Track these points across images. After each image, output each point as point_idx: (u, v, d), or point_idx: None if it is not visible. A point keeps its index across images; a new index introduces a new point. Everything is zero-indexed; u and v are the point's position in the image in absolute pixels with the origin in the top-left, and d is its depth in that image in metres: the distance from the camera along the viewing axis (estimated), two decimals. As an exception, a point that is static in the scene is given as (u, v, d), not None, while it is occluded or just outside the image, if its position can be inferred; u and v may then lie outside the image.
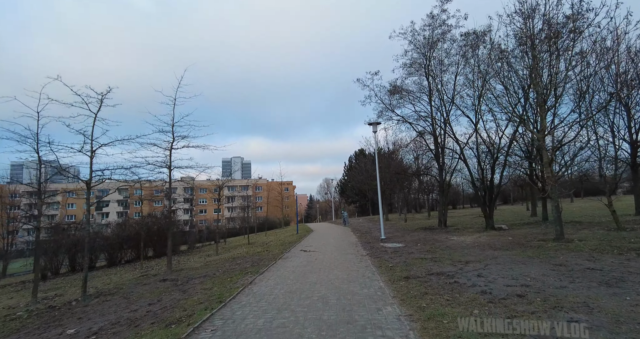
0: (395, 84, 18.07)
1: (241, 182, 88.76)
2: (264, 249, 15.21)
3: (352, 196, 56.15)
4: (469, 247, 9.76)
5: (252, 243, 20.88)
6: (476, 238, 11.92)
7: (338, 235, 19.17)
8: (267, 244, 17.72)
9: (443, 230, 16.55)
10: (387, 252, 10.47)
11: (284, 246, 15.08)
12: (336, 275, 7.33)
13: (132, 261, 18.04)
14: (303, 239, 18.29)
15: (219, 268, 10.60)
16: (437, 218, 18.68)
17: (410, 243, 12.39)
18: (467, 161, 15.29)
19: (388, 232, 17.71)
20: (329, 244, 14.15)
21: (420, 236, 14.65)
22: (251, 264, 10.25)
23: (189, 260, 15.00)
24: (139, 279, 10.12)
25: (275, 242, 18.86)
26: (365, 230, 21.20)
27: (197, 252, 19.91)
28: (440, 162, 18.32)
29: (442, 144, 18.27)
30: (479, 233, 13.44)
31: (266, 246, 17.06)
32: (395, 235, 16.24)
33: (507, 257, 7.81)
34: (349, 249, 12.09)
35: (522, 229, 13.50)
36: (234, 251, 16.51)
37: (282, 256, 11.29)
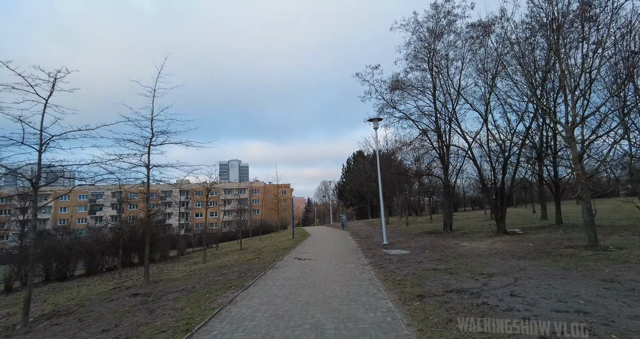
0: (397, 78, 16.94)
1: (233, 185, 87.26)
2: (256, 256, 13.95)
3: (350, 199, 54.94)
4: (487, 256, 8.55)
5: (244, 249, 19.60)
6: (490, 244, 10.72)
7: (336, 240, 17.93)
8: (260, 251, 16.45)
9: (449, 234, 15.35)
10: (391, 260, 9.24)
11: (277, 253, 13.82)
12: (334, 291, 6.10)
13: (115, 268, 16.69)
14: (299, 244, 17.03)
15: (201, 279, 9.34)
16: (442, 221, 17.48)
17: (416, 250, 11.17)
18: (475, 159, 14.12)
19: (390, 236, 16.49)
20: (326, 251, 12.91)
21: (426, 241, 13.43)
22: (237, 275, 8.99)
23: (173, 268, 13.70)
24: (109, 293, 8.83)
25: (269, 247, 17.60)
26: (365, 234, 19.96)
27: (186, 259, 18.60)
28: (445, 161, 17.16)
29: (447, 142, 17.13)
30: (491, 238, 12.24)
31: (258, 252, 15.80)
32: (399, 240, 15.01)
33: (537, 269, 6.59)
34: (349, 256, 10.86)
35: (538, 234, 12.31)
36: (224, 258, 15.23)
37: (274, 265, 10.03)
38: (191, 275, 10.51)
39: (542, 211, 18.96)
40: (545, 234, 12.15)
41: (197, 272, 11.08)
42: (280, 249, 15.27)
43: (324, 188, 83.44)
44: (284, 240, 21.79)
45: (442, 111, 16.55)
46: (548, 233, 12.23)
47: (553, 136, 15.08)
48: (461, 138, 17.00)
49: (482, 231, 15.38)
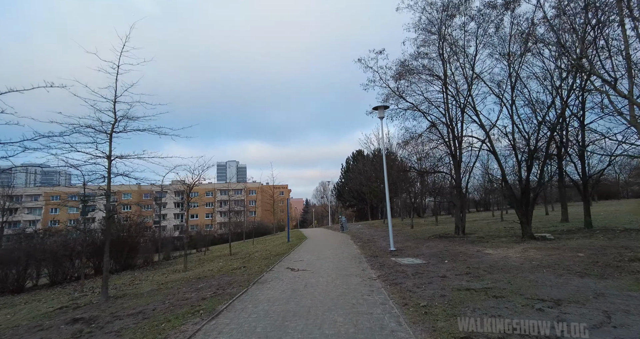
0: (404, 62, 15.16)
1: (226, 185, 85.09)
2: (244, 263, 12.11)
3: (349, 200, 53.11)
4: (530, 269, 6.74)
5: (234, 254, 17.74)
6: (522, 252, 8.92)
7: (336, 244, 16.10)
8: (250, 257, 14.61)
9: (464, 239, 13.55)
10: (406, 273, 7.43)
11: (268, 260, 11.99)
12: (335, 325, 4.29)
13: (88, 277, 14.76)
14: (294, 249, 15.20)
15: (169, 295, 7.50)
16: (454, 224, 15.70)
17: (432, 258, 9.36)
18: (496, 151, 12.28)
19: (396, 241, 14.69)
20: (324, 259, 11.08)
21: (440, 247, 11.63)
22: (213, 292, 7.17)
23: (147, 278, 11.83)
24: (49, 316, 6.97)
25: (261, 253, 15.76)
26: (368, 238, 18.14)
27: (169, 265, 16.70)
28: (456, 157, 15.39)
29: (459, 134, 15.36)
30: (519, 244, 10.46)
31: (248, 258, 13.96)
32: (407, 246, 13.20)
33: (622, 294, 4.72)
34: (352, 266, 9.04)
35: (575, 240, 10.52)
36: (207, 266, 13.38)
37: (260, 278, 8.20)
38: (161, 289, 8.66)
39: (562, 213, 17.22)
40: (584, 240, 10.35)
41: (170, 284, 9.23)
42: (272, 256, 13.44)
43: (322, 189, 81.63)
44: (279, 244, 19.95)
45: (454, 98, 14.77)
46: (586, 239, 10.43)
47: (581, 128, 13.33)
48: (475, 131, 15.26)
49: (502, 235, 13.59)
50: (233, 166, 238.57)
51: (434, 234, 16.71)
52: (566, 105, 11.24)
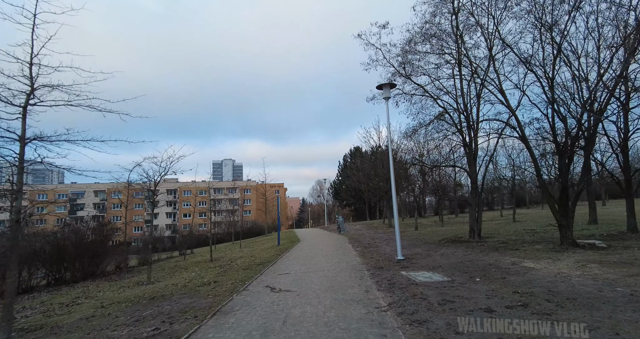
0: (411, 40, 12.95)
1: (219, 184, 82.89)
2: (218, 275, 9.90)
3: (347, 199, 50.92)
4: (622, 302, 4.53)
5: (215, 260, 15.50)
6: (579, 268, 6.74)
7: (332, 250, 13.90)
8: (230, 265, 12.38)
9: (484, 244, 11.40)
10: (428, 301, 5.24)
11: (248, 272, 9.78)
12: None
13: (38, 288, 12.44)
14: (282, 255, 12.99)
15: (91, 333, 5.27)
16: (469, 226, 13.56)
17: (455, 273, 7.17)
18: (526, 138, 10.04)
19: (403, 246, 12.52)
20: (316, 271, 8.88)
21: (458, 256, 9.46)
22: (152, 330, 4.95)
23: (97, 294, 9.55)
24: None
25: (245, 259, 13.54)
26: (368, 242, 15.95)
27: (137, 274, 14.40)
28: (472, 148, 13.23)
29: (474, 123, 13.19)
30: (562, 254, 8.29)
31: (227, 267, 11.74)
32: (416, 253, 11.02)
33: None
34: (351, 285, 6.83)
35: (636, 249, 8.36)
36: (177, 277, 11.13)
37: (226, 305, 5.97)
38: (94, 317, 6.40)
39: (590, 214, 15.14)
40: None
41: (112, 308, 6.97)
42: (255, 264, 11.21)
43: (319, 188, 79.47)
44: (267, 248, 17.72)
45: (471, 78, 12.56)
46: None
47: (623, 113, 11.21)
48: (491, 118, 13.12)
49: (530, 240, 11.42)
50: (229, 164, 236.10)
51: (444, 238, 14.55)
52: (621, 80, 9.05)
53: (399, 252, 10.01)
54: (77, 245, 13.14)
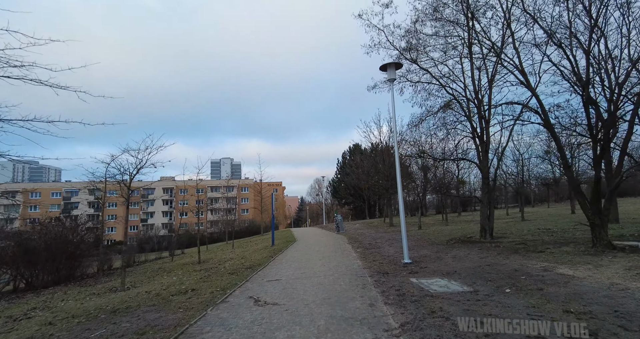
0: (417, 17, 11.73)
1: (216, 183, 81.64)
2: (199, 281, 8.68)
3: (345, 197, 49.73)
4: None
5: (203, 262, 14.28)
6: (634, 275, 5.55)
7: (330, 251, 12.69)
8: (216, 268, 11.16)
9: (498, 245, 10.21)
10: (451, 320, 4.03)
11: (234, 277, 8.58)
12: None
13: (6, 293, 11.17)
14: (275, 257, 11.79)
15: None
16: (480, 225, 12.35)
17: (477, 282, 5.97)
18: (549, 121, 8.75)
19: (408, 247, 11.32)
20: (311, 277, 7.67)
21: (474, 259, 8.27)
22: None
23: (58, 304, 8.29)
24: None
25: (234, 262, 12.34)
26: (369, 242, 14.75)
27: (115, 277, 13.14)
28: (484, 139, 12.03)
29: (486, 112, 11.99)
30: (600, 258, 7.10)
31: (212, 271, 10.52)
32: (425, 255, 9.82)
33: None
34: (352, 297, 5.62)
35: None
36: (154, 282, 9.90)
37: (194, 325, 4.76)
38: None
39: (612, 212, 13.96)
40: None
41: (59, 326, 5.73)
42: (243, 268, 10.01)
43: (317, 186, 78.33)
44: (261, 248, 16.50)
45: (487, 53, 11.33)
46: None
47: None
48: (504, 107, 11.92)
49: (553, 240, 10.21)
50: (227, 163, 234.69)
51: (451, 238, 13.37)
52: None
53: (405, 254, 8.81)
54: (48, 246, 11.88)
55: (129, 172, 9.76)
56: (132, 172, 9.73)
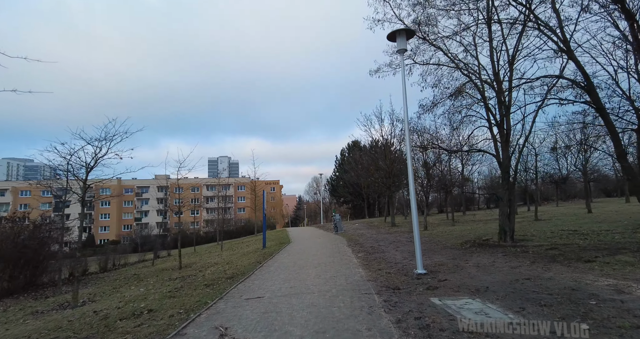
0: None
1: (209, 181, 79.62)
2: (169, 293, 7.07)
3: (344, 195, 48.15)
4: None
5: (185, 267, 12.68)
6: None
7: (327, 256, 11.09)
8: (194, 276, 9.55)
9: (526, 251, 8.64)
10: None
11: (208, 291, 6.98)
12: None
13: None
14: (264, 263, 10.17)
15: None
16: (500, 226, 10.75)
17: (525, 305, 4.38)
18: (604, 107, 7.17)
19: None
20: (302, 294, 6.06)
21: (505, 271, 6.68)
22: None
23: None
24: None
25: (217, 268, 10.75)
26: (371, 245, 13.14)
27: (80, 287, 11.50)
28: (503, 126, 10.45)
29: (506, 98, 10.41)
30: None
31: (188, 280, 8.91)
32: (440, 262, 8.23)
33: None
34: (357, 333, 4.01)
35: None
36: (115, 296, 8.28)
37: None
38: None
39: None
40: None
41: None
42: (222, 278, 8.39)
43: (315, 185, 76.66)
44: (250, 251, 14.89)
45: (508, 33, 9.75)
46: None
47: None
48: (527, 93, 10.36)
49: (586, 246, 8.65)
50: (224, 161, 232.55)
51: (465, 240, 11.80)
52: None
53: (419, 263, 7.21)
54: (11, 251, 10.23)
55: (85, 165, 8.10)
56: (89, 164, 8.07)
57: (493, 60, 10.49)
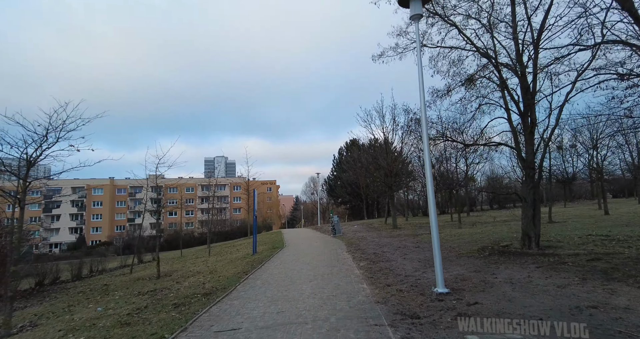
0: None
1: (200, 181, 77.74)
2: (127, 317, 5.61)
3: (342, 195, 46.67)
4: None
5: (164, 275, 11.17)
6: None
7: (324, 264, 9.62)
8: (167, 290, 8.06)
9: (564, 262, 7.22)
10: None
11: (174, 315, 5.51)
12: None
13: None
14: (250, 275, 8.69)
15: None
16: (523, 231, 9.31)
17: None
18: None
19: (427, 258, 8.33)
20: (291, 325, 4.58)
21: (552, 293, 5.25)
22: None
23: None
24: None
25: (197, 279, 9.27)
26: (374, 251, 11.67)
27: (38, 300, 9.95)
28: (527, 115, 9.04)
29: (531, 84, 9.00)
30: None
31: (159, 296, 7.43)
32: (461, 276, 6.79)
33: None
34: None
35: None
36: (60, 320, 6.77)
37: None
38: None
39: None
40: None
41: None
42: (198, 295, 6.91)
43: (313, 185, 75.12)
44: (240, 257, 13.40)
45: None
46: None
47: None
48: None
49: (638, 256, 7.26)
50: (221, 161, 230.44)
51: (481, 246, 10.36)
52: None
53: (439, 279, 5.76)
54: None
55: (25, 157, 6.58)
56: (30, 156, 6.55)
57: (516, 38, 9.07)
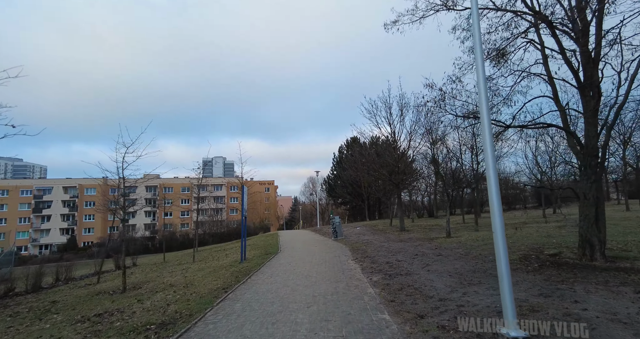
0: None
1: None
2: None
3: (342, 195, 44.54)
4: None
5: (131, 289, 9.08)
6: None
7: (326, 278, 7.56)
8: (120, 314, 5.97)
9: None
10: None
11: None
12: None
13: None
14: (229, 293, 6.64)
15: None
16: (582, 236, 7.28)
17: None
18: None
19: (449, 272, 6.28)
20: None
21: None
22: None
23: None
24: None
25: (165, 296, 7.23)
26: (386, 259, 9.59)
27: None
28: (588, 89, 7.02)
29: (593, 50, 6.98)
30: None
31: (94, 327, 5.34)
32: (522, 302, 4.71)
33: None
34: None
35: None
36: None
37: None
38: None
39: None
40: None
41: None
42: (151, 326, 4.84)
43: (311, 185, 72.97)
44: (227, 264, 11.33)
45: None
46: None
47: None
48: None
49: None
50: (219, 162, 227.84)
51: (522, 255, 8.29)
52: None
53: (509, 315, 3.69)
54: None
55: None
56: None
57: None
